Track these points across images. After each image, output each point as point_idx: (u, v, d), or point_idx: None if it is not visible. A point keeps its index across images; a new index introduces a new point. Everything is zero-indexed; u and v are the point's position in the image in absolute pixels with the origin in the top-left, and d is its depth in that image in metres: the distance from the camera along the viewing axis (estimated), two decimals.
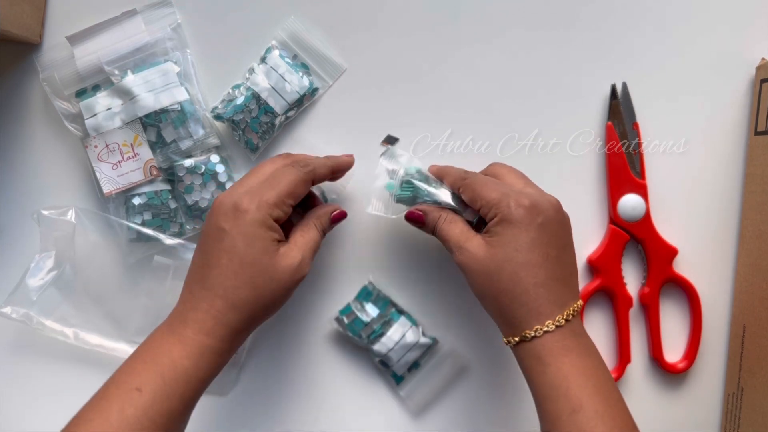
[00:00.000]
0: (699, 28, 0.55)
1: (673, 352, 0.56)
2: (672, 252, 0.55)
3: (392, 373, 0.56)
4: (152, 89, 0.52)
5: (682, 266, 0.56)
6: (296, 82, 0.53)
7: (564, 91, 0.55)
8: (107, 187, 0.53)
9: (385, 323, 0.54)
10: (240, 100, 0.53)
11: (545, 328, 0.43)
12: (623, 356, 0.55)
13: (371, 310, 0.54)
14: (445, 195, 0.50)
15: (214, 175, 0.53)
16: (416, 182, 0.50)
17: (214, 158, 0.53)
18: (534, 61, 0.55)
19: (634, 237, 0.55)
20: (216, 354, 0.43)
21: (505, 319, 0.45)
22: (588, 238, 0.56)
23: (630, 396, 0.56)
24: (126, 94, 0.52)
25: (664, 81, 0.55)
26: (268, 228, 0.44)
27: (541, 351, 0.43)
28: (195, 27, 0.55)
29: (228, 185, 0.54)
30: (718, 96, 0.55)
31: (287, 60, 0.54)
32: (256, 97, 0.53)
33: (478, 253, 0.45)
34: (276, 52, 0.54)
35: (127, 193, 0.53)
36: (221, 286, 0.43)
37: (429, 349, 0.55)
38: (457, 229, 0.47)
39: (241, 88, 0.54)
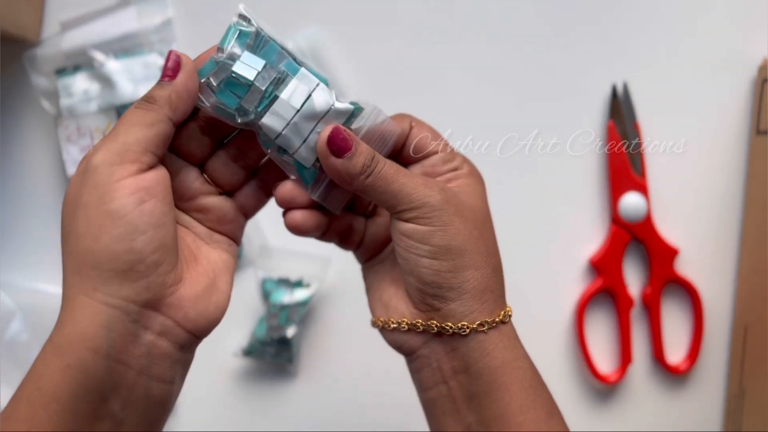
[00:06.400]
0: (701, 27, 0.55)
1: (675, 352, 0.56)
2: (673, 252, 0.55)
3: (297, 165, 0.34)
4: (132, 79, 0.52)
5: (684, 266, 0.56)
6: None
7: (564, 91, 0.55)
8: (72, 170, 0.53)
9: (278, 82, 0.33)
10: None
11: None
12: (625, 357, 0.55)
13: (252, 62, 0.32)
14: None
15: None
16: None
17: None
18: (534, 60, 0.55)
19: (636, 237, 0.55)
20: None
21: (491, 287, 0.33)
22: (589, 239, 0.56)
23: (632, 397, 0.56)
24: (105, 80, 0.52)
25: (666, 81, 0.55)
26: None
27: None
28: (187, 24, 0.55)
29: None
30: (719, 96, 0.55)
31: None
32: None
33: (464, 194, 0.34)
34: None
35: None
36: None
37: (350, 120, 0.34)
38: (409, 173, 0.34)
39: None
